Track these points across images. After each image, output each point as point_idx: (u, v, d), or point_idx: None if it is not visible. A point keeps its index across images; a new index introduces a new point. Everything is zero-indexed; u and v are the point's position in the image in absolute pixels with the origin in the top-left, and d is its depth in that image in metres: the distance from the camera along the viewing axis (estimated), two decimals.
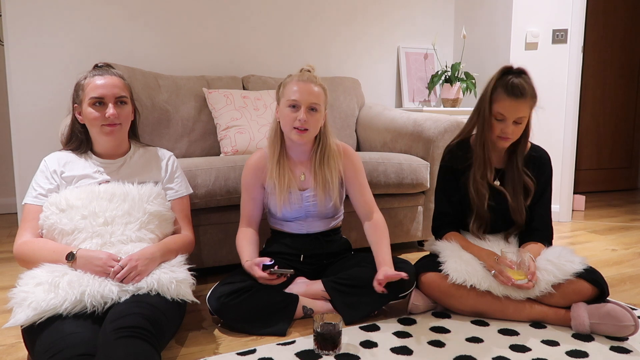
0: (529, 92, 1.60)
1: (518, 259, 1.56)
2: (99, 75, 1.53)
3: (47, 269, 1.32)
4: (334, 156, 1.72)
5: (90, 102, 1.50)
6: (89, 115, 1.51)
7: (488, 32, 3.44)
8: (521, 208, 1.73)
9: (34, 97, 2.58)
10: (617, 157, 4.52)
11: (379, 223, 1.73)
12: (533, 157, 1.75)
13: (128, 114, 1.57)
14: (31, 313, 1.21)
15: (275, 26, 3.11)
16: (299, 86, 1.62)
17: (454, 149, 1.79)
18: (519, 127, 1.64)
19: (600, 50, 4.24)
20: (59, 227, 1.42)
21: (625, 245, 2.67)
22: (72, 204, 1.45)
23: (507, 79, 1.61)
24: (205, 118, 2.57)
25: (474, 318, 1.66)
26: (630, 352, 1.41)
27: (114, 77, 1.54)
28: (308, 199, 1.73)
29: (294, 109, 1.62)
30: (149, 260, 1.39)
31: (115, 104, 1.52)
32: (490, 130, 1.66)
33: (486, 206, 1.72)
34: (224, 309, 1.54)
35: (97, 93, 1.49)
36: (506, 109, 1.60)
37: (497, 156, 1.77)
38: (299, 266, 1.75)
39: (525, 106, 1.60)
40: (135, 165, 1.62)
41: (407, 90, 3.49)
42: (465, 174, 1.74)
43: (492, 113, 1.63)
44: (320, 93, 1.65)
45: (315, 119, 1.64)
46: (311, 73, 1.67)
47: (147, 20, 2.78)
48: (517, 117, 1.61)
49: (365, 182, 1.79)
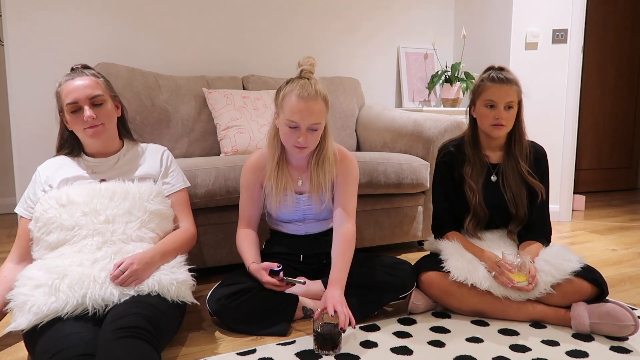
0: (514, 80, 1.69)
1: (518, 262, 1.56)
2: (71, 79, 1.51)
3: (44, 269, 1.31)
4: (329, 160, 1.68)
5: (68, 109, 1.49)
6: (70, 121, 1.51)
7: (488, 32, 3.44)
8: (520, 202, 1.73)
9: (34, 97, 2.58)
10: (617, 157, 4.52)
11: (348, 235, 1.62)
12: (535, 157, 1.76)
13: (108, 112, 1.54)
14: (32, 317, 1.21)
15: (275, 26, 3.11)
16: (300, 106, 1.52)
17: (448, 145, 1.82)
18: (511, 113, 1.68)
19: (600, 50, 4.23)
20: (57, 222, 1.41)
21: (625, 245, 2.67)
22: (73, 200, 1.44)
23: (489, 72, 1.72)
24: (205, 118, 2.57)
25: (474, 318, 1.66)
26: (630, 352, 1.42)
27: (85, 78, 1.51)
28: (304, 202, 1.72)
29: (293, 129, 1.56)
30: (148, 265, 1.38)
31: (92, 105, 1.50)
32: (484, 121, 1.71)
33: (482, 202, 1.73)
34: (223, 310, 1.53)
35: (71, 98, 1.48)
36: (495, 94, 1.67)
37: (493, 152, 1.78)
38: (299, 266, 1.75)
39: (512, 91, 1.67)
40: (129, 162, 1.61)
41: (407, 90, 3.49)
42: (461, 169, 1.76)
43: (483, 104, 1.70)
44: (321, 109, 1.56)
45: (315, 136, 1.59)
46: (311, 80, 1.57)
47: (147, 20, 2.78)
48: (507, 101, 1.66)
49: (353, 192, 1.71)
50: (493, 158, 1.78)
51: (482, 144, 1.78)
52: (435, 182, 1.85)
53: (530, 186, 1.73)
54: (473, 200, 1.73)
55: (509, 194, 1.73)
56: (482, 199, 1.74)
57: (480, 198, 1.74)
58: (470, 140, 1.78)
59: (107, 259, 1.37)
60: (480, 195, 1.73)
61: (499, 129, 1.68)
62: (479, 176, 1.74)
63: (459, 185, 1.77)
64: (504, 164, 1.75)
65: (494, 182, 1.75)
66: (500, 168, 1.76)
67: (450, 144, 1.82)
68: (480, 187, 1.74)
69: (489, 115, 1.68)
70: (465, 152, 1.77)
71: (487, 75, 1.71)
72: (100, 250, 1.39)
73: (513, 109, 1.68)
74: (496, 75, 1.68)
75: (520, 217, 1.75)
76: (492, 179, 1.76)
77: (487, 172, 1.76)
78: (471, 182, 1.74)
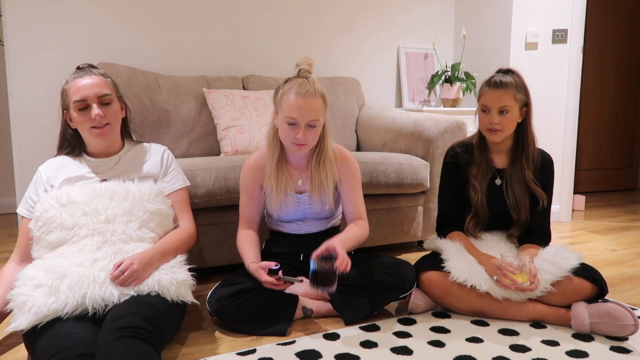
0: (512, 84, 1.66)
1: (519, 262, 1.56)
2: (79, 77, 1.51)
3: (44, 269, 1.31)
4: (330, 159, 1.69)
5: (75, 106, 1.49)
6: (76, 119, 1.51)
7: (488, 32, 3.44)
8: (522, 207, 1.73)
9: (34, 97, 2.58)
10: (617, 157, 4.52)
11: (361, 223, 1.73)
12: (541, 165, 1.75)
13: (115, 112, 1.55)
14: (32, 318, 1.21)
15: (275, 26, 3.11)
16: (299, 103, 1.54)
17: (456, 146, 1.83)
18: (506, 117, 1.67)
19: (600, 50, 4.23)
20: (58, 221, 1.41)
21: (625, 245, 2.67)
22: (74, 200, 1.44)
23: (491, 76, 1.71)
24: (205, 118, 2.57)
25: (474, 318, 1.66)
26: (630, 352, 1.42)
27: (94, 77, 1.52)
28: (305, 202, 1.72)
29: (292, 126, 1.57)
30: (148, 265, 1.38)
31: (100, 103, 1.50)
32: (481, 126, 1.73)
33: (484, 203, 1.74)
34: (223, 310, 1.54)
35: (79, 95, 1.48)
36: (488, 100, 1.67)
37: (500, 156, 1.78)
38: (299, 266, 1.75)
39: (507, 96, 1.65)
40: (130, 162, 1.62)
41: (407, 90, 3.49)
42: (466, 170, 1.77)
43: (480, 109, 1.72)
44: (320, 106, 1.59)
45: (314, 133, 1.61)
46: (309, 79, 1.59)
47: (147, 20, 2.78)
48: (499, 105, 1.65)
49: (358, 190, 1.75)
50: (499, 163, 1.78)
51: (489, 147, 1.79)
52: (442, 182, 1.86)
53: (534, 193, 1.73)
54: (475, 199, 1.74)
55: (512, 199, 1.74)
56: (485, 200, 1.75)
57: (483, 198, 1.74)
58: (478, 143, 1.79)
59: (107, 259, 1.37)
60: (482, 195, 1.74)
61: (493, 134, 1.69)
62: (484, 178, 1.76)
63: (463, 184, 1.78)
64: (509, 169, 1.76)
65: (497, 186, 1.76)
66: (505, 173, 1.76)
67: (458, 146, 1.83)
68: (484, 188, 1.75)
69: (484, 120, 1.70)
70: (473, 154, 1.78)
71: (487, 80, 1.71)
72: (100, 250, 1.39)
73: (509, 114, 1.66)
74: (493, 80, 1.68)
75: (521, 222, 1.76)
76: (497, 183, 1.76)
77: (492, 176, 1.77)
78: (475, 182, 1.75)
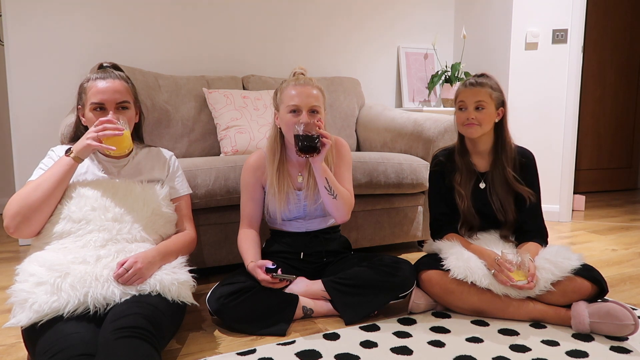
0: (487, 84, 1.74)
1: (518, 260, 1.56)
2: (102, 78, 1.51)
3: (46, 265, 1.31)
4: (330, 152, 1.74)
5: (91, 107, 1.49)
6: (90, 119, 1.51)
7: (488, 32, 3.44)
8: (508, 208, 1.76)
9: (34, 97, 2.58)
10: (617, 157, 4.52)
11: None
12: (522, 162, 1.79)
13: (129, 118, 1.55)
14: (33, 315, 1.21)
15: (275, 26, 3.11)
16: (297, 90, 1.62)
17: (439, 155, 1.88)
18: (483, 113, 1.72)
19: (600, 50, 4.24)
20: (65, 213, 1.41)
21: (625, 245, 2.67)
22: (83, 193, 1.45)
23: (467, 79, 1.80)
24: (205, 118, 2.57)
25: (474, 318, 1.66)
26: (630, 352, 1.42)
27: (116, 82, 1.51)
28: (305, 198, 1.73)
29: (295, 113, 1.62)
30: (151, 264, 1.39)
31: (117, 109, 1.51)
32: (458, 123, 1.78)
33: (471, 208, 1.78)
34: (224, 309, 1.54)
35: (98, 99, 1.48)
36: (465, 96, 1.74)
37: (481, 159, 1.82)
38: (299, 265, 1.75)
39: (482, 92, 1.72)
40: (139, 164, 1.62)
41: (407, 90, 3.49)
42: (451, 177, 1.81)
43: (457, 107, 1.77)
44: (319, 95, 1.66)
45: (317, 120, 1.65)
46: (305, 76, 1.67)
47: (147, 20, 2.78)
48: (475, 100, 1.72)
49: (347, 171, 1.78)
50: (481, 166, 1.82)
51: (469, 150, 1.82)
52: (430, 189, 1.90)
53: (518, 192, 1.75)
54: (462, 205, 1.78)
55: (497, 202, 1.77)
56: (472, 205, 1.78)
57: (469, 204, 1.78)
58: (458, 147, 1.83)
59: (111, 257, 1.37)
60: (468, 200, 1.78)
61: (470, 127, 1.73)
62: (468, 183, 1.79)
63: (450, 192, 1.81)
64: (492, 171, 1.79)
65: (482, 189, 1.79)
66: (488, 176, 1.79)
67: (441, 154, 1.88)
68: (469, 193, 1.78)
69: (461, 117, 1.75)
70: (455, 160, 1.82)
71: (463, 82, 1.80)
72: (104, 247, 1.40)
73: (485, 110, 1.72)
74: (469, 81, 1.76)
75: (509, 223, 1.79)
76: (481, 187, 1.79)
77: (476, 180, 1.81)
78: (460, 188, 1.78)
